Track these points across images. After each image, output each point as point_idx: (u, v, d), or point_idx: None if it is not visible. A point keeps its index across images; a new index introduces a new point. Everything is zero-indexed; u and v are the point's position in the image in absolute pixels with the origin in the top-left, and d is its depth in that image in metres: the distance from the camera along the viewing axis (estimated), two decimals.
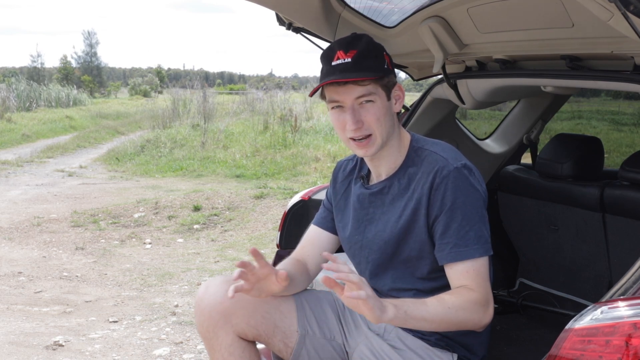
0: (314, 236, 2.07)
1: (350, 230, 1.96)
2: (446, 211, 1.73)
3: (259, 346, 2.01)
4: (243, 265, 1.70)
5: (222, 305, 1.87)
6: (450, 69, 2.74)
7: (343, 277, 1.51)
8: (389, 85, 1.80)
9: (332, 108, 1.81)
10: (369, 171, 1.94)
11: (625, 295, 1.50)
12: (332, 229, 2.05)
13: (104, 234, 7.08)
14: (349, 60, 1.75)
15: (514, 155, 3.38)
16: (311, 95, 1.84)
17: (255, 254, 1.72)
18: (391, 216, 1.85)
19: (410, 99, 3.12)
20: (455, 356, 1.86)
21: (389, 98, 1.81)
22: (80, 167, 12.67)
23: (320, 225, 2.07)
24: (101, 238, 6.91)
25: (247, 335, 1.91)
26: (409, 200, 1.80)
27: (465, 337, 1.85)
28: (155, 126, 17.78)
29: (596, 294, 2.58)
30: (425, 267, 1.81)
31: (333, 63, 1.77)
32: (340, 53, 1.76)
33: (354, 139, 1.80)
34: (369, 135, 1.79)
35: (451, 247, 1.72)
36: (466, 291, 1.71)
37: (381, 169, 1.89)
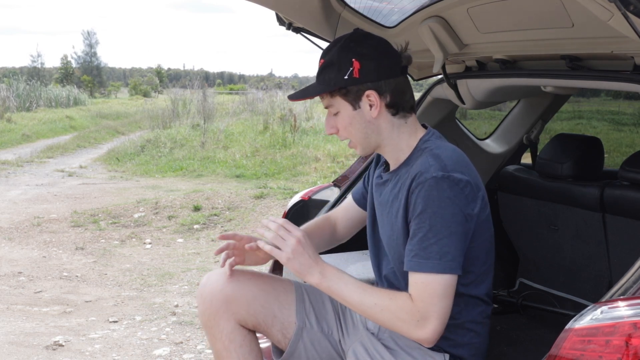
0: (348, 205, 2.19)
1: (367, 211, 2.04)
2: (415, 217, 1.68)
3: (261, 346, 2.02)
4: (221, 250, 1.96)
5: (223, 293, 1.92)
6: (450, 69, 2.74)
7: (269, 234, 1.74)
8: (351, 95, 1.75)
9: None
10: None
11: (625, 295, 1.50)
12: (363, 205, 2.12)
13: (104, 234, 7.08)
14: (318, 69, 1.79)
15: (514, 155, 3.38)
16: (291, 99, 1.89)
17: (224, 237, 1.95)
18: (386, 211, 1.85)
19: None
20: (447, 356, 1.83)
21: (355, 107, 1.77)
22: (80, 167, 12.68)
23: (354, 198, 2.18)
24: (101, 238, 6.92)
25: (247, 323, 1.94)
26: (397, 199, 1.79)
27: (459, 348, 1.82)
28: (155, 126, 17.80)
29: (596, 294, 2.57)
30: None
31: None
32: (320, 60, 1.81)
33: None
34: (351, 140, 1.84)
35: (412, 255, 1.67)
36: (405, 298, 1.67)
37: (390, 161, 1.88)
